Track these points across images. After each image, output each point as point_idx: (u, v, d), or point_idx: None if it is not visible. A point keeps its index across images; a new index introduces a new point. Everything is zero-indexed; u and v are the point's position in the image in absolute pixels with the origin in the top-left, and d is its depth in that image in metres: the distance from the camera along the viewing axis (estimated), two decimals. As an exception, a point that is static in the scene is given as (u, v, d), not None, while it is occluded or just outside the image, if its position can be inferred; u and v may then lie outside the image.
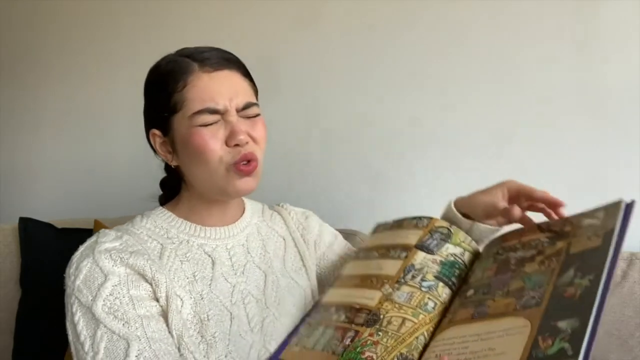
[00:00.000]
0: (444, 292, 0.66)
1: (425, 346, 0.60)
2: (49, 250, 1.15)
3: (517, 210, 0.71)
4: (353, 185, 1.33)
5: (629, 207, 0.61)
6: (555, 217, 0.70)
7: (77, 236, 1.19)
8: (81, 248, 0.72)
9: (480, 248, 0.75)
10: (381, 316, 0.63)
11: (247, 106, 0.74)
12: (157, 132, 0.76)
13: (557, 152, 1.16)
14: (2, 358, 1.11)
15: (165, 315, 0.69)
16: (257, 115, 0.76)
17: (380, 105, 1.30)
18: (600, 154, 1.13)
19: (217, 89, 0.72)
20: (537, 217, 0.74)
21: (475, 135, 1.22)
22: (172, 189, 0.83)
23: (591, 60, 1.13)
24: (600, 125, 1.13)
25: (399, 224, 0.82)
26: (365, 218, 1.31)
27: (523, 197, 0.73)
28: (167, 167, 0.83)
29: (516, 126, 1.19)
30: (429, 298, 0.64)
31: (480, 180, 1.22)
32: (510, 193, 0.74)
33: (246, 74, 0.78)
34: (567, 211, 0.70)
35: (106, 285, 0.66)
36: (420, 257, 0.70)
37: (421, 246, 0.72)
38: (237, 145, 0.72)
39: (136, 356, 0.62)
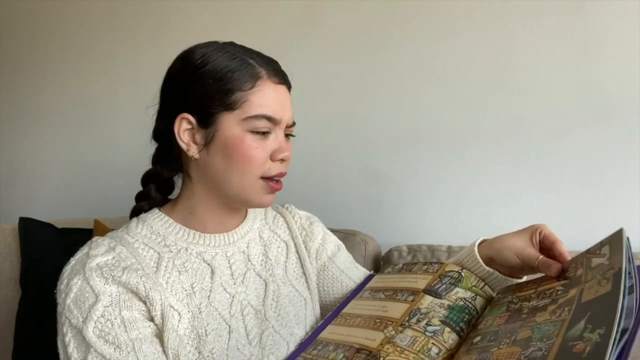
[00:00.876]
0: (450, 337, 0.62)
1: None
2: (49, 250, 1.15)
3: (557, 269, 0.64)
4: (353, 185, 1.33)
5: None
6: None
7: (77, 236, 1.19)
8: (72, 261, 0.69)
9: (494, 293, 0.72)
10: (381, 359, 0.60)
11: (293, 124, 0.77)
12: (190, 117, 0.71)
13: (557, 152, 1.16)
14: (2, 358, 1.11)
15: (160, 334, 0.67)
16: (293, 136, 0.79)
17: (380, 105, 1.30)
18: (600, 153, 1.13)
19: (278, 100, 0.73)
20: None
21: (475, 135, 1.22)
22: (164, 186, 0.79)
23: (591, 60, 1.13)
24: (600, 125, 1.13)
25: (408, 268, 0.80)
26: (365, 218, 1.32)
27: (547, 243, 0.69)
28: (162, 161, 0.77)
29: (516, 126, 1.19)
30: (433, 343, 0.61)
31: (480, 180, 1.23)
32: (541, 238, 0.70)
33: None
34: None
35: (97, 307, 0.63)
36: (427, 301, 0.68)
37: (429, 290, 0.70)
38: (281, 160, 0.74)
39: None
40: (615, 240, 0.58)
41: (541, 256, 0.67)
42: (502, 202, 1.21)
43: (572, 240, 0.68)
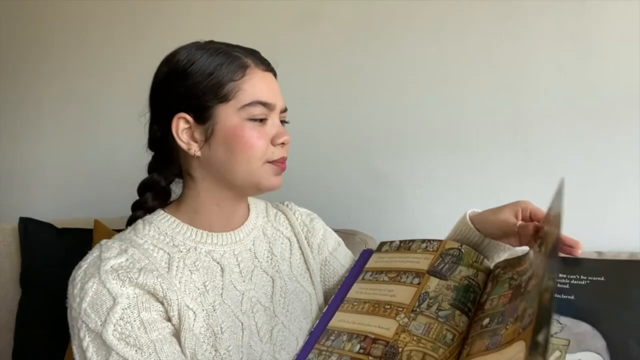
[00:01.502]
0: (461, 320, 0.63)
1: None
2: (49, 250, 1.15)
3: (531, 227, 0.68)
4: (353, 185, 1.33)
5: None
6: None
7: (77, 236, 1.20)
8: (84, 265, 0.68)
9: (491, 265, 0.73)
10: (400, 349, 0.60)
11: (285, 110, 0.78)
12: (187, 116, 0.72)
13: (557, 152, 1.16)
14: (2, 358, 1.11)
15: (177, 334, 0.67)
16: (287, 122, 0.81)
17: (380, 105, 1.30)
18: (600, 153, 1.13)
19: (269, 87, 0.75)
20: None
21: (475, 135, 1.22)
22: (161, 195, 0.79)
23: (591, 60, 1.13)
24: (600, 125, 1.13)
25: (407, 247, 0.79)
26: (365, 218, 1.32)
27: (534, 219, 0.72)
28: (160, 167, 0.78)
29: (516, 126, 1.19)
30: (447, 329, 0.62)
31: (479, 179, 1.23)
32: (524, 213, 0.73)
33: None
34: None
35: (116, 310, 0.63)
36: (433, 283, 0.68)
37: (433, 272, 0.70)
38: (282, 144, 0.75)
39: None
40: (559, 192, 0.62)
41: (519, 222, 0.71)
42: (502, 202, 1.21)
43: (573, 240, 0.68)
